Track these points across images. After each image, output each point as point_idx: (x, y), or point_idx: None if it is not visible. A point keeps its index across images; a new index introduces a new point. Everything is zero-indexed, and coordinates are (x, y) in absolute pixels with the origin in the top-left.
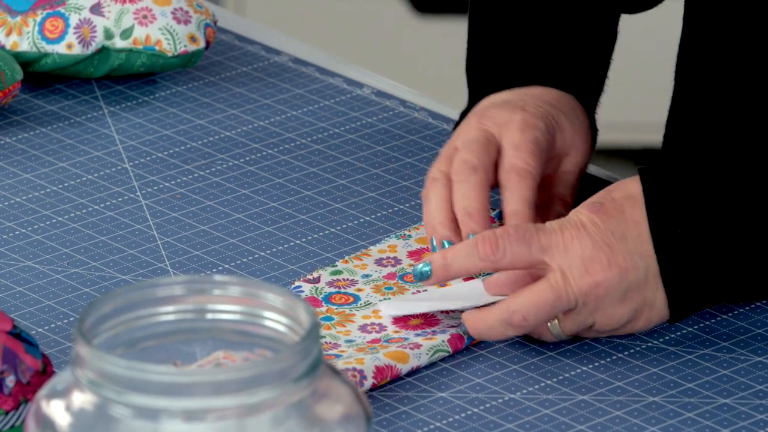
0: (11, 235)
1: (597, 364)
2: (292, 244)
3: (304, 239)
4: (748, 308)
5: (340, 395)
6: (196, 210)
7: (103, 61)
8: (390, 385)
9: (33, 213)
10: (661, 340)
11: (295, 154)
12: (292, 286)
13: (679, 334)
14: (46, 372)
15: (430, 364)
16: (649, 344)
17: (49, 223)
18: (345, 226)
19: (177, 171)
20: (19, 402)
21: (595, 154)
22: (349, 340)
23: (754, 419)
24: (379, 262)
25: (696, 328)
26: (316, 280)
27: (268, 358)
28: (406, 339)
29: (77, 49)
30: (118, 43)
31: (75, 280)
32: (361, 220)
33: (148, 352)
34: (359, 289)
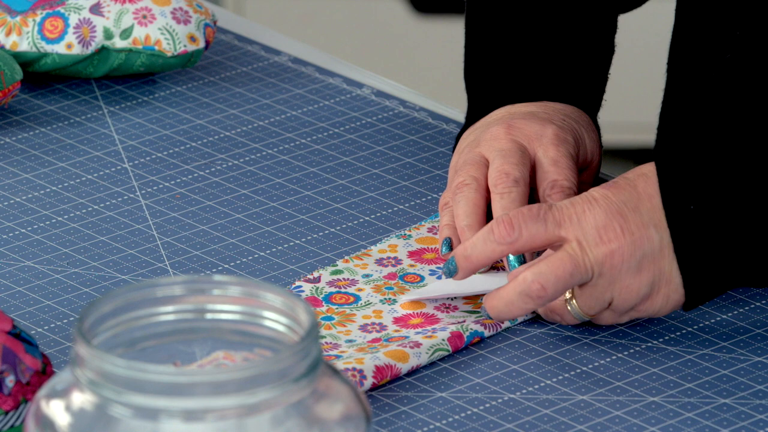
0: (11, 235)
1: (597, 365)
2: (292, 244)
3: (304, 239)
4: (747, 308)
5: (340, 395)
6: (196, 210)
7: (103, 61)
8: (390, 385)
9: (33, 213)
10: (661, 340)
11: (295, 154)
12: (293, 286)
13: (678, 334)
14: (45, 372)
15: (430, 363)
16: (649, 344)
17: (48, 223)
18: (345, 226)
19: (177, 171)
20: (19, 402)
21: None
22: (350, 340)
23: (754, 419)
24: (380, 262)
25: (696, 328)
26: (317, 280)
27: (267, 358)
28: (407, 338)
29: (77, 49)
30: (118, 43)
31: (75, 280)
32: (361, 220)
33: (148, 352)
34: (360, 289)
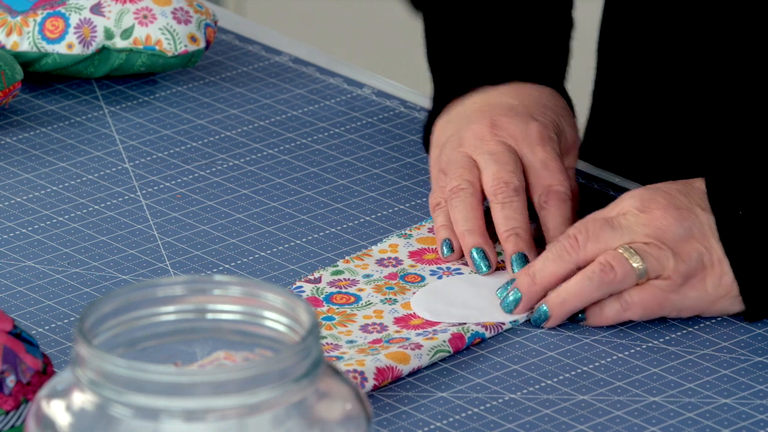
0: (12, 235)
1: (597, 365)
2: (293, 244)
3: (305, 239)
4: None
5: (341, 395)
6: (197, 210)
7: (104, 61)
8: (390, 385)
9: (33, 213)
10: (662, 340)
11: (296, 154)
12: (293, 286)
13: (679, 334)
14: (46, 372)
15: (431, 364)
16: (650, 344)
17: (49, 223)
18: (345, 226)
19: (177, 171)
20: (20, 402)
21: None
22: (351, 341)
23: (755, 419)
24: (381, 262)
25: (696, 328)
26: (317, 280)
27: (268, 358)
28: (408, 339)
29: (77, 49)
30: (119, 43)
31: (75, 280)
32: (362, 220)
33: (149, 352)
34: (360, 289)
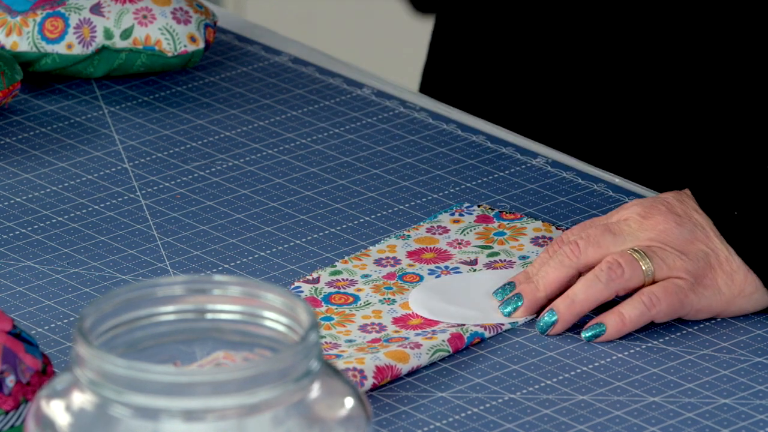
0: (11, 235)
1: (597, 365)
2: (292, 244)
3: (304, 239)
4: None
5: (341, 395)
6: (196, 210)
7: (103, 61)
8: (390, 385)
9: (33, 213)
10: (661, 341)
11: (295, 154)
12: (292, 286)
13: (679, 334)
14: (46, 372)
15: (430, 363)
16: (649, 344)
17: (49, 223)
18: (345, 227)
19: (177, 171)
20: (19, 402)
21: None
22: (350, 340)
23: (754, 419)
24: (379, 262)
25: (696, 328)
26: (316, 281)
27: (268, 358)
28: (407, 338)
29: (77, 49)
30: (118, 43)
31: (75, 280)
32: (361, 221)
33: (148, 352)
34: (359, 289)
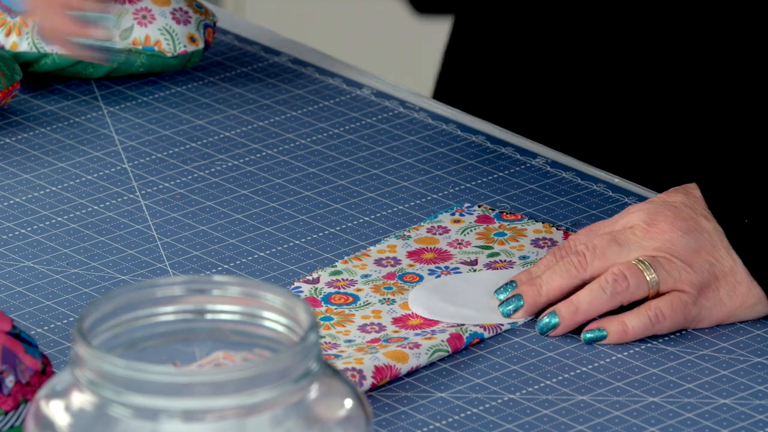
0: (11, 235)
1: (596, 365)
2: (292, 244)
3: (304, 239)
4: None
5: (340, 395)
6: (196, 210)
7: None
8: (389, 385)
9: (32, 213)
10: (661, 341)
11: (295, 155)
12: (291, 287)
13: (678, 334)
14: (45, 372)
15: (430, 364)
16: (649, 345)
17: (48, 223)
18: (344, 227)
19: (176, 171)
20: (19, 402)
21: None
22: (349, 340)
23: (754, 419)
24: (379, 263)
25: (695, 328)
26: (316, 281)
27: (267, 359)
28: (406, 339)
29: None
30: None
31: (74, 281)
32: (361, 221)
33: (148, 353)
34: (358, 290)
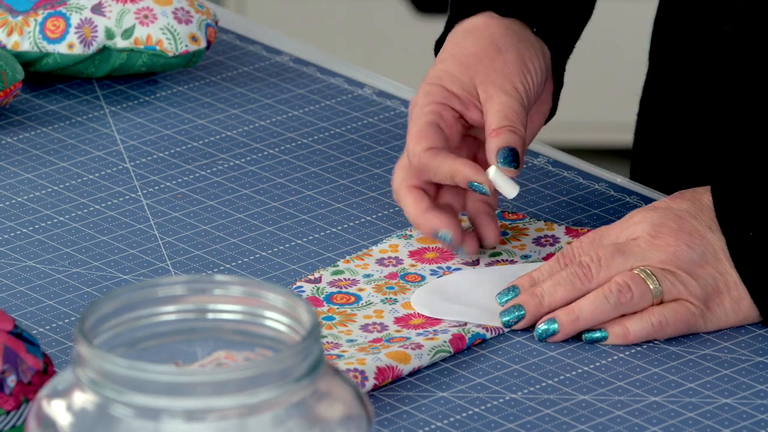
0: (12, 234)
1: (598, 364)
2: (294, 243)
3: (306, 239)
4: None
5: (341, 395)
6: (198, 210)
7: (105, 60)
8: (391, 385)
9: (34, 213)
10: (662, 340)
11: (297, 154)
12: (294, 286)
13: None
14: (47, 372)
15: (431, 363)
16: (650, 344)
17: (50, 222)
18: (346, 226)
19: (178, 171)
20: (21, 402)
21: (592, 153)
22: (351, 340)
23: (755, 419)
24: (381, 262)
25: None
26: (318, 280)
27: (269, 358)
28: (408, 338)
29: (78, 49)
30: (120, 43)
31: (76, 280)
32: (363, 220)
33: (149, 352)
34: (361, 289)
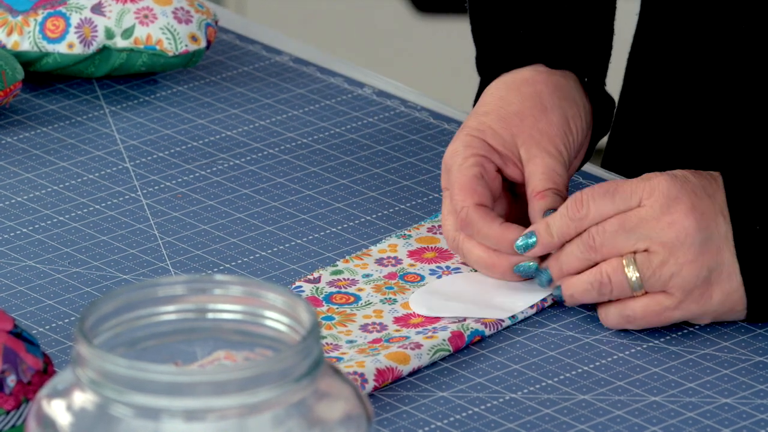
0: (12, 234)
1: (598, 364)
2: (293, 243)
3: (305, 239)
4: None
5: (341, 395)
6: (197, 209)
7: (104, 60)
8: (391, 385)
9: (34, 212)
10: (662, 340)
11: (296, 154)
12: (293, 286)
13: (680, 333)
14: (47, 371)
15: (431, 363)
16: (650, 344)
17: (50, 222)
18: (346, 226)
19: (178, 170)
20: (20, 401)
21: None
22: (350, 341)
23: (755, 419)
24: (380, 262)
25: (697, 327)
26: (317, 280)
27: (269, 358)
28: (407, 338)
29: (78, 49)
30: (119, 43)
31: (76, 280)
32: (362, 220)
33: (149, 352)
34: (360, 289)
